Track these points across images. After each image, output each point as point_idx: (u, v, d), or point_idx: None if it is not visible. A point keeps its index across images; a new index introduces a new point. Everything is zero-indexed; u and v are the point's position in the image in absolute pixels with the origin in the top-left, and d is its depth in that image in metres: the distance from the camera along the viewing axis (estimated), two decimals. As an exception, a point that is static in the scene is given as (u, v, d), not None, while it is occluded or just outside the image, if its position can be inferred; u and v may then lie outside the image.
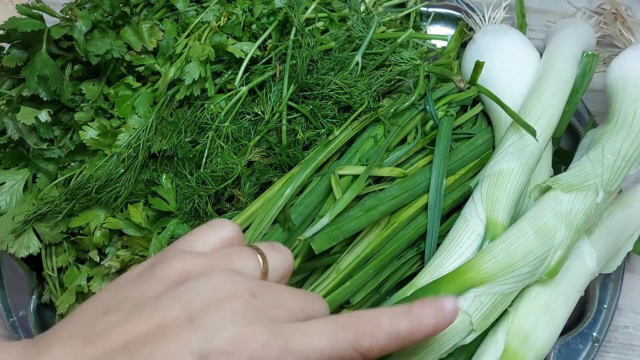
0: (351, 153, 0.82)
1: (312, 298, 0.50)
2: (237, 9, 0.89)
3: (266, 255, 0.50)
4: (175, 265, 0.46)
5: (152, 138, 0.82)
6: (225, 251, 0.49)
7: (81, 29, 0.80)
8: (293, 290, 0.49)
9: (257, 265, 0.49)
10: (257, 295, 0.45)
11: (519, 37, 0.94)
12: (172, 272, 0.45)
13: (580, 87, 0.87)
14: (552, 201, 0.71)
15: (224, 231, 0.51)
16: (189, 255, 0.47)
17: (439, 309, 0.51)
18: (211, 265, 0.46)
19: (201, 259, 0.47)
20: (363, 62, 0.87)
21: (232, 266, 0.47)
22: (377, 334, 0.47)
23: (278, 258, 0.51)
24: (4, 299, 0.83)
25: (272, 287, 0.48)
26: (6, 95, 0.82)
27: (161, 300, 0.43)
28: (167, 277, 0.45)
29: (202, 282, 0.45)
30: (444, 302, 0.52)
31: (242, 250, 0.49)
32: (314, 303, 0.49)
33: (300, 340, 0.44)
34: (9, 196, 0.81)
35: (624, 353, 0.85)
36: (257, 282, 0.47)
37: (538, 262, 0.68)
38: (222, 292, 0.44)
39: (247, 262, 0.48)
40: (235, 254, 0.48)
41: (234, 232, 0.51)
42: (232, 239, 0.51)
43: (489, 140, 0.87)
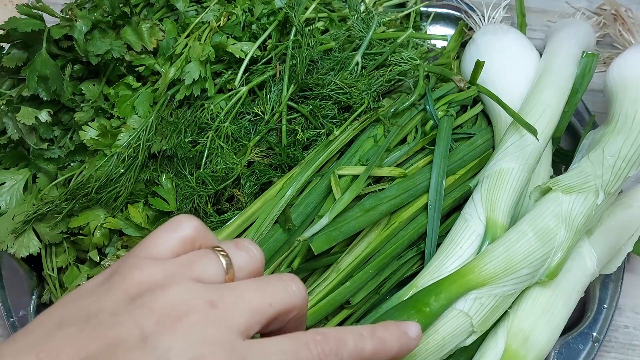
0: (351, 153, 0.82)
1: (281, 286, 0.47)
2: (237, 9, 0.89)
3: (230, 256, 0.48)
4: (133, 276, 0.44)
5: (152, 138, 0.82)
6: (185, 258, 0.46)
7: (81, 29, 0.80)
8: (259, 284, 0.46)
9: (219, 268, 0.46)
10: (217, 304, 0.43)
11: (518, 37, 0.94)
12: (128, 284, 0.44)
13: (580, 87, 0.87)
14: (552, 202, 0.71)
15: (184, 230, 0.48)
16: (147, 264, 0.45)
17: (403, 334, 0.51)
18: (169, 274, 0.44)
19: (159, 268, 0.45)
20: (363, 62, 0.87)
21: (192, 274, 0.45)
22: (341, 354, 0.46)
23: (243, 256, 0.48)
24: (4, 299, 0.83)
25: (236, 287, 0.45)
26: (6, 95, 0.82)
27: (115, 317, 0.42)
28: (123, 291, 0.43)
29: (159, 296, 0.43)
30: (408, 326, 0.52)
31: (204, 255, 0.47)
32: (283, 292, 0.47)
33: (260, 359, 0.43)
34: (9, 196, 0.81)
35: (624, 353, 0.85)
36: (217, 287, 0.45)
37: (538, 264, 0.68)
38: (178, 308, 0.42)
39: (208, 267, 0.46)
40: (195, 260, 0.46)
41: (195, 230, 0.48)
42: (193, 238, 0.48)
43: (489, 140, 0.87)
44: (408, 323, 0.52)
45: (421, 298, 0.67)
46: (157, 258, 0.46)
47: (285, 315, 0.47)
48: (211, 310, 0.43)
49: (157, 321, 0.41)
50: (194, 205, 0.80)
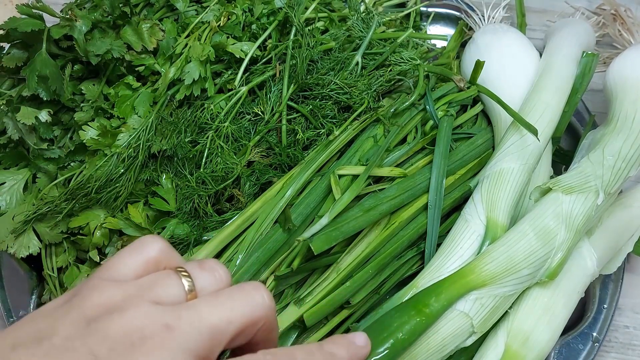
0: (351, 153, 0.82)
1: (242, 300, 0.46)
2: (237, 9, 0.89)
3: (193, 277, 0.46)
4: (91, 299, 0.43)
5: (152, 138, 0.82)
6: (145, 279, 0.45)
7: (81, 28, 0.80)
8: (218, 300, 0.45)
9: (180, 290, 0.45)
10: (173, 327, 0.42)
11: (518, 37, 0.94)
12: (86, 307, 0.43)
13: (580, 87, 0.87)
14: (552, 203, 0.71)
15: (148, 251, 0.47)
16: (107, 286, 0.44)
17: (350, 344, 0.52)
18: (128, 297, 0.43)
19: (118, 291, 0.44)
20: (363, 62, 0.87)
21: (151, 296, 0.44)
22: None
23: (206, 277, 0.47)
24: (4, 299, 0.83)
25: (193, 306, 0.44)
26: (6, 95, 0.82)
27: (69, 342, 0.41)
28: (80, 314, 0.42)
29: (114, 321, 0.42)
30: (354, 337, 0.53)
31: (165, 276, 0.46)
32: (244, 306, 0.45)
33: None
34: (9, 196, 0.81)
35: (624, 353, 0.85)
36: (175, 309, 0.43)
37: (539, 264, 0.68)
38: (133, 334, 0.41)
39: (169, 289, 0.45)
40: (156, 282, 0.45)
41: (159, 251, 0.47)
42: (157, 260, 0.47)
43: (489, 140, 0.87)
44: (355, 333, 0.53)
45: (421, 298, 0.67)
46: (119, 280, 0.45)
47: (251, 328, 0.46)
48: (167, 335, 0.42)
49: (110, 348, 0.40)
50: (194, 205, 0.80)
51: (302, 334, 0.74)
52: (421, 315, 0.65)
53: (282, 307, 0.74)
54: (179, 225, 0.80)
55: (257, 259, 0.74)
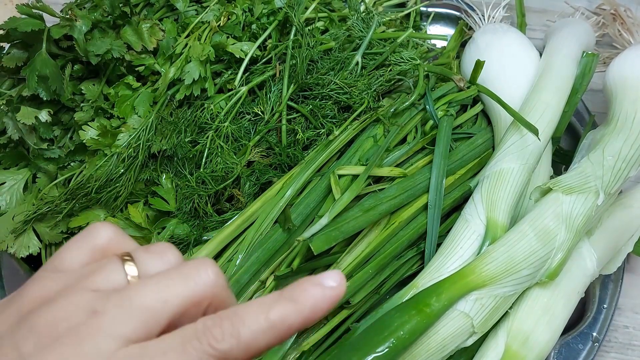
0: (351, 153, 0.82)
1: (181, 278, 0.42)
2: (237, 9, 0.89)
3: (137, 262, 0.43)
4: (29, 292, 0.41)
5: (152, 138, 0.82)
6: (87, 268, 0.43)
7: (81, 28, 0.80)
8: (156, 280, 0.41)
9: (120, 276, 0.42)
10: (99, 312, 0.39)
11: (518, 37, 0.94)
12: (23, 301, 0.41)
13: (580, 87, 0.87)
14: (552, 203, 0.71)
15: (96, 239, 0.45)
16: (46, 277, 0.42)
17: (316, 285, 0.42)
18: (64, 287, 0.41)
19: (57, 282, 0.42)
20: (363, 62, 0.87)
21: (89, 285, 0.41)
22: (238, 332, 0.40)
23: (153, 261, 0.44)
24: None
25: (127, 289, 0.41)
26: (6, 95, 0.82)
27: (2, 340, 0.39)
28: (16, 308, 0.40)
29: (43, 313, 0.39)
30: (323, 276, 0.43)
31: (106, 264, 0.43)
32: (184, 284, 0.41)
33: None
34: (9, 196, 0.81)
35: (624, 353, 0.85)
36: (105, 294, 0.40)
37: (539, 264, 0.68)
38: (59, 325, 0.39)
39: (108, 276, 0.42)
40: (95, 270, 0.42)
41: (106, 239, 0.45)
42: (104, 247, 0.45)
43: (489, 140, 0.87)
44: (326, 272, 0.43)
45: (422, 299, 0.67)
46: (64, 270, 0.43)
47: (195, 308, 0.42)
48: (92, 322, 0.39)
49: (35, 342, 0.38)
50: (194, 205, 0.80)
51: (302, 333, 0.74)
52: (422, 315, 0.65)
53: (282, 307, 0.73)
54: (179, 225, 0.80)
55: (257, 258, 0.74)
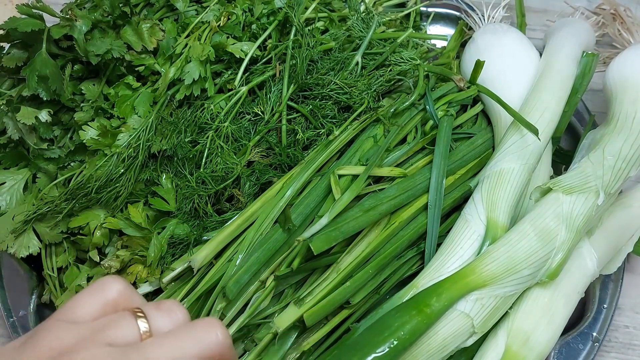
0: (351, 153, 0.82)
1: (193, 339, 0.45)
2: (237, 9, 0.89)
3: (149, 318, 0.46)
4: (44, 341, 0.43)
5: (152, 138, 0.82)
6: (100, 321, 0.45)
7: (81, 28, 0.80)
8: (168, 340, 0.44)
9: (134, 331, 0.44)
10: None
11: (518, 37, 0.93)
12: (39, 350, 0.42)
13: (580, 87, 0.87)
14: (553, 203, 0.71)
15: (108, 293, 0.46)
16: (61, 328, 0.44)
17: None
18: (80, 339, 0.43)
19: (72, 333, 0.43)
20: (363, 62, 0.87)
21: (104, 338, 0.43)
22: None
23: (163, 318, 0.46)
24: (4, 299, 0.83)
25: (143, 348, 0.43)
26: (6, 95, 0.82)
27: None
28: (39, 354, 0.42)
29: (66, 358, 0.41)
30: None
31: (120, 318, 0.45)
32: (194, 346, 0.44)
33: None
34: (9, 196, 0.81)
35: (624, 352, 0.85)
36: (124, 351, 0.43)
37: (539, 264, 0.68)
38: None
39: (123, 330, 0.44)
40: (110, 324, 0.44)
41: (117, 293, 0.47)
42: (115, 301, 0.46)
43: (489, 140, 0.87)
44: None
45: (422, 299, 0.67)
46: (76, 322, 0.45)
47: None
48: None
49: None
50: (194, 205, 0.80)
51: (302, 333, 0.74)
52: (422, 315, 0.65)
53: (282, 307, 0.74)
54: (179, 225, 0.80)
55: (257, 259, 0.74)
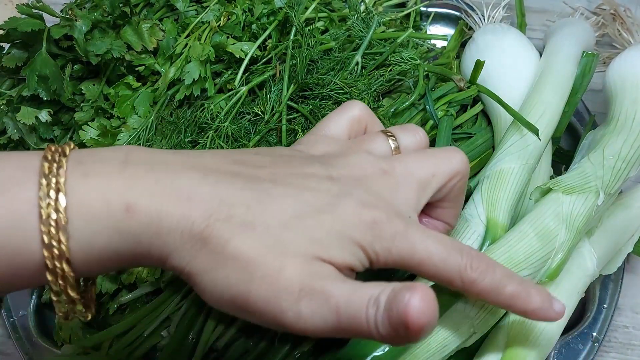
0: (351, 153, 0.82)
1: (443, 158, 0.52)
2: (237, 9, 0.89)
3: (397, 137, 0.54)
4: (316, 147, 0.52)
5: (152, 138, 0.82)
6: (357, 139, 0.54)
7: (81, 28, 0.80)
8: (424, 157, 0.52)
9: (387, 147, 0.53)
10: (389, 173, 0.49)
11: (518, 37, 0.94)
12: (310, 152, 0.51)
13: (580, 87, 0.87)
14: (553, 203, 0.71)
15: (352, 111, 0.55)
16: (321, 141, 0.53)
17: (548, 301, 0.52)
18: (347, 147, 0.52)
19: (334, 146, 0.52)
20: (363, 62, 0.87)
21: (365, 148, 0.52)
22: (486, 276, 0.48)
23: (408, 136, 0.54)
24: (4, 299, 0.83)
25: (403, 159, 0.51)
26: (6, 95, 0.82)
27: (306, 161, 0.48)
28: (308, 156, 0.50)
29: (340, 158, 0.49)
30: (556, 300, 0.52)
31: (374, 136, 0.53)
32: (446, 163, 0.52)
33: (418, 236, 0.46)
34: (9, 196, 0.81)
35: (624, 353, 0.85)
36: (388, 160, 0.50)
37: (539, 265, 0.68)
38: (356, 171, 0.48)
39: (378, 145, 0.52)
40: (366, 139, 0.53)
41: (360, 111, 0.56)
42: (360, 118, 0.55)
43: (489, 140, 0.87)
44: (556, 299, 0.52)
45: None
46: (332, 136, 0.54)
47: (449, 183, 0.52)
48: (384, 176, 0.49)
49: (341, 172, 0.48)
50: (194, 205, 0.80)
51: (302, 334, 0.74)
52: (422, 315, 0.65)
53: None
54: (179, 225, 0.80)
55: (257, 259, 0.74)
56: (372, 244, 0.44)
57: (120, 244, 0.42)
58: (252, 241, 0.42)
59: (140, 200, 0.41)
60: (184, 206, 0.42)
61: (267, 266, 0.41)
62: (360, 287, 0.42)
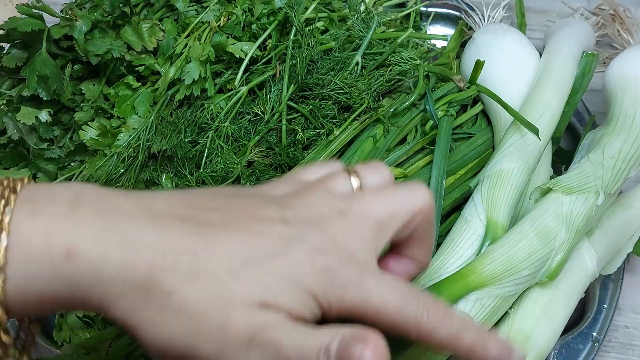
0: (351, 153, 0.82)
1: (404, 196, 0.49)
2: (237, 9, 0.89)
3: (360, 175, 0.51)
4: (279, 187, 0.50)
5: (152, 138, 0.82)
6: (321, 178, 0.52)
7: (81, 28, 0.80)
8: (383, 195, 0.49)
9: (348, 184, 0.50)
10: (346, 213, 0.47)
11: (518, 37, 0.94)
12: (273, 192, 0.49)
13: (580, 87, 0.87)
14: (552, 203, 0.71)
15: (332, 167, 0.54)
16: (291, 180, 0.52)
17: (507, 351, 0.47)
18: (308, 186, 0.50)
19: (300, 184, 0.50)
20: (363, 62, 0.87)
21: (325, 187, 0.49)
22: (442, 326, 0.45)
23: (371, 174, 0.52)
24: (4, 299, 0.82)
25: (362, 198, 0.49)
26: (6, 95, 0.82)
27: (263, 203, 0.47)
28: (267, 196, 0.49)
29: (299, 198, 0.47)
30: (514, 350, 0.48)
31: (336, 174, 0.51)
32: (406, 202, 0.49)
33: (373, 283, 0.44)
34: (9, 196, 0.81)
35: (624, 353, 0.85)
36: (346, 198, 0.48)
37: (539, 265, 0.68)
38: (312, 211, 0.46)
39: (338, 183, 0.50)
40: (328, 178, 0.51)
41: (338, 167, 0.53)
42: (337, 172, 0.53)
43: (489, 140, 0.87)
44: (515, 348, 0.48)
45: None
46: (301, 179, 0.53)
47: (411, 222, 0.49)
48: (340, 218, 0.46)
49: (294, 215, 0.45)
50: (194, 205, 0.80)
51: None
52: (422, 315, 0.65)
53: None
54: (179, 225, 0.80)
55: (257, 259, 0.74)
56: (325, 292, 0.42)
57: (59, 288, 0.40)
58: (197, 292, 0.40)
59: (82, 244, 0.39)
60: (127, 253, 0.40)
61: (214, 318, 0.40)
62: (311, 335, 0.40)
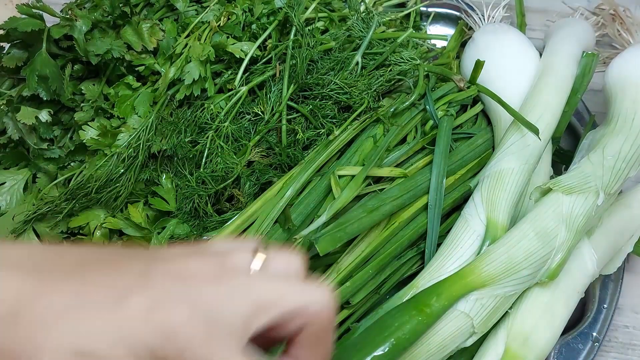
0: (351, 153, 0.82)
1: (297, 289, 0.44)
2: (237, 9, 0.89)
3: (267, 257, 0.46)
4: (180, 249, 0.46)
5: (152, 138, 0.82)
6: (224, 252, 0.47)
7: (81, 28, 0.80)
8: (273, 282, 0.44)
9: (246, 262, 0.45)
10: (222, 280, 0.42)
11: (518, 37, 0.94)
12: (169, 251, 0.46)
13: (580, 87, 0.87)
14: (552, 203, 0.71)
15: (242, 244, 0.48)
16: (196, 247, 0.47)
17: None
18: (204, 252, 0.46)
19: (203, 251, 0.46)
20: (363, 62, 0.87)
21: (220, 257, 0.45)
22: None
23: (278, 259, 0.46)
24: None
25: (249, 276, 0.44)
26: (6, 95, 0.82)
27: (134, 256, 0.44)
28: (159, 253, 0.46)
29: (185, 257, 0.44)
30: None
31: (240, 249, 0.46)
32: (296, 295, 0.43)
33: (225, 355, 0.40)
34: (9, 196, 0.81)
35: (624, 353, 0.85)
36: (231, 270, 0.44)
37: (539, 265, 0.68)
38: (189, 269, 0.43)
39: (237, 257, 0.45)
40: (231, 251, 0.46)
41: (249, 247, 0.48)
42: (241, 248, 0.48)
43: (489, 140, 0.87)
44: None
45: (422, 299, 0.67)
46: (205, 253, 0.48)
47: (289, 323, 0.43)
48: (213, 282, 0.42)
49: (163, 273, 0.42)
50: (194, 205, 0.80)
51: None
52: (422, 315, 0.65)
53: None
54: (179, 225, 0.80)
55: (257, 259, 0.74)
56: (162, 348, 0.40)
57: None
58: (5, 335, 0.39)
59: None
60: None
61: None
62: None
